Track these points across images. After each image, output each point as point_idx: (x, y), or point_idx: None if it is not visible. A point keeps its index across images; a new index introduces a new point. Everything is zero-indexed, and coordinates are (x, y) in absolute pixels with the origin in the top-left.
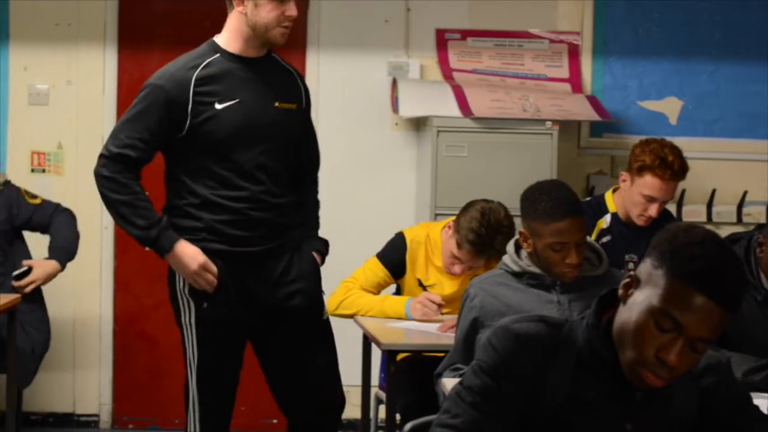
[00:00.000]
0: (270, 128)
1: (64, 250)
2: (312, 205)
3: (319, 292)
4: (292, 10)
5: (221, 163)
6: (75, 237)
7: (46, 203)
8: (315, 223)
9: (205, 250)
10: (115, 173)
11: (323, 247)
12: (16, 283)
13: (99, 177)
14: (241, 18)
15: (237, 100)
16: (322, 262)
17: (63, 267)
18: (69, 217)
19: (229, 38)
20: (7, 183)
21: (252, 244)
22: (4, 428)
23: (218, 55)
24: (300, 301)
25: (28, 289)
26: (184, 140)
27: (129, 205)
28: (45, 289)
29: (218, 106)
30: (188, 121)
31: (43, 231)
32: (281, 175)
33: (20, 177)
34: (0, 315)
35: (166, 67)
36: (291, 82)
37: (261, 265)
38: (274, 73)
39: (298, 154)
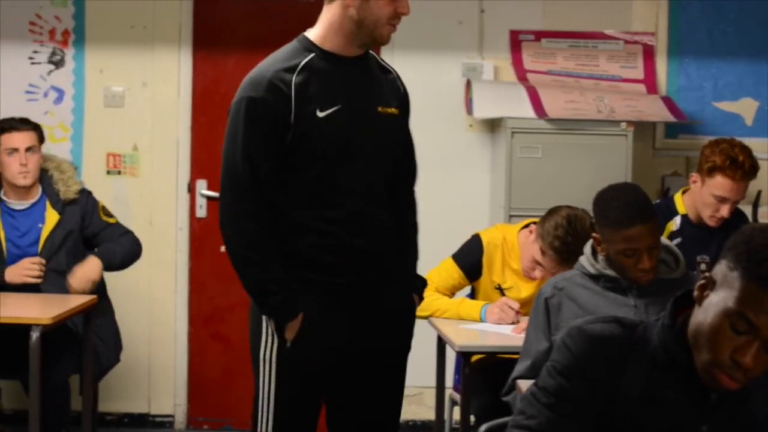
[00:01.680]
0: (374, 137)
1: (109, 254)
2: (412, 229)
3: (410, 336)
4: (405, 8)
5: (318, 178)
6: (126, 253)
7: (119, 225)
8: (415, 254)
9: (295, 280)
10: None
11: (423, 289)
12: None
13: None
14: (344, 12)
15: (339, 106)
16: (418, 305)
17: (104, 265)
18: (133, 241)
19: (325, 34)
20: (84, 191)
21: (346, 273)
22: (80, 428)
23: (313, 54)
24: (390, 343)
25: (76, 284)
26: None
27: None
28: (120, 290)
29: (320, 114)
30: (290, 134)
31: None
32: (382, 193)
33: (96, 179)
34: (77, 315)
35: (257, 74)
36: (391, 83)
37: (355, 298)
38: (374, 73)
39: (396, 166)
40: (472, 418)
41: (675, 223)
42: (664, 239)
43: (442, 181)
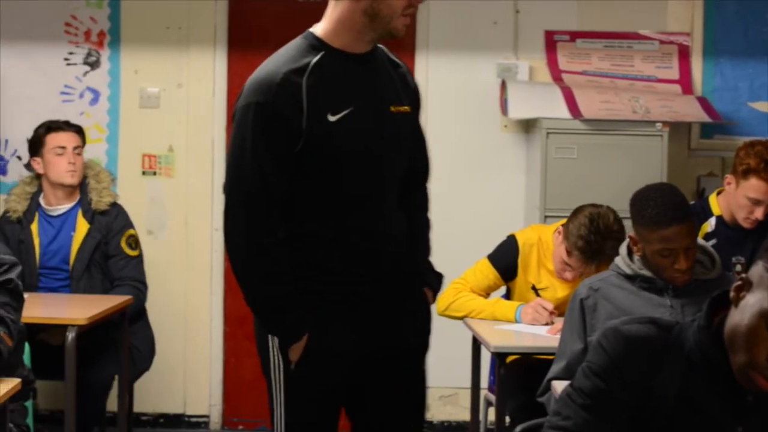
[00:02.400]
0: (388, 139)
1: None
2: (424, 227)
3: (427, 336)
4: None
5: (330, 186)
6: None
7: (136, 264)
8: (427, 251)
9: (305, 291)
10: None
11: (437, 283)
12: None
13: None
14: (355, 5)
15: (351, 108)
16: (433, 300)
17: None
18: (135, 296)
19: (333, 30)
20: (116, 206)
21: (362, 282)
22: (116, 429)
23: (322, 53)
24: (407, 345)
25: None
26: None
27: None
28: (156, 291)
29: (332, 118)
30: (302, 141)
31: (109, 276)
32: (393, 195)
33: (131, 180)
34: (113, 315)
35: (264, 76)
36: (401, 78)
37: (368, 307)
38: (385, 69)
39: (410, 166)
40: (507, 419)
41: (710, 225)
42: (700, 240)
43: (477, 181)
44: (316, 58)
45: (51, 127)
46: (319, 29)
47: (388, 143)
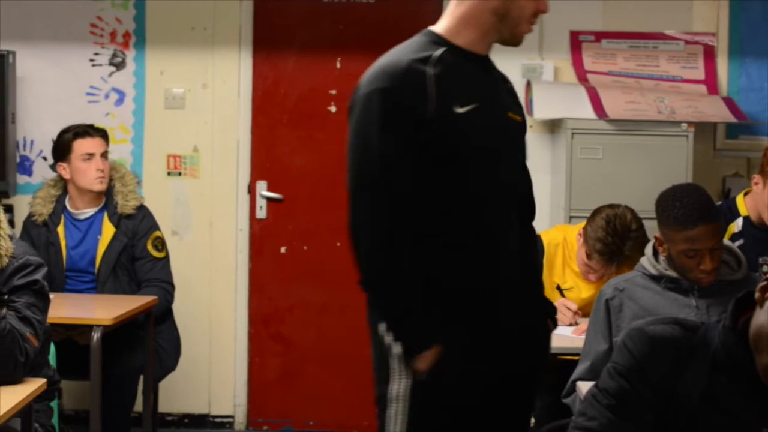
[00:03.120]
0: (508, 143)
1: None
2: (537, 255)
3: (546, 360)
4: (546, 6)
5: (454, 182)
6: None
7: (163, 266)
8: (542, 280)
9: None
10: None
11: (554, 313)
12: None
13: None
14: (483, 4)
15: (476, 104)
16: (553, 329)
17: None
18: (162, 296)
19: (455, 28)
20: (142, 208)
21: (485, 298)
22: (141, 429)
23: (444, 48)
24: (530, 366)
25: None
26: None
27: None
28: (181, 291)
29: (459, 110)
30: (425, 133)
31: (136, 279)
32: (514, 206)
33: (156, 180)
34: (138, 315)
35: (388, 63)
36: (511, 91)
37: (493, 324)
38: (499, 76)
39: (524, 182)
40: (533, 420)
41: (737, 225)
42: (725, 240)
43: None
44: (438, 52)
45: (78, 132)
46: (439, 27)
47: (508, 147)
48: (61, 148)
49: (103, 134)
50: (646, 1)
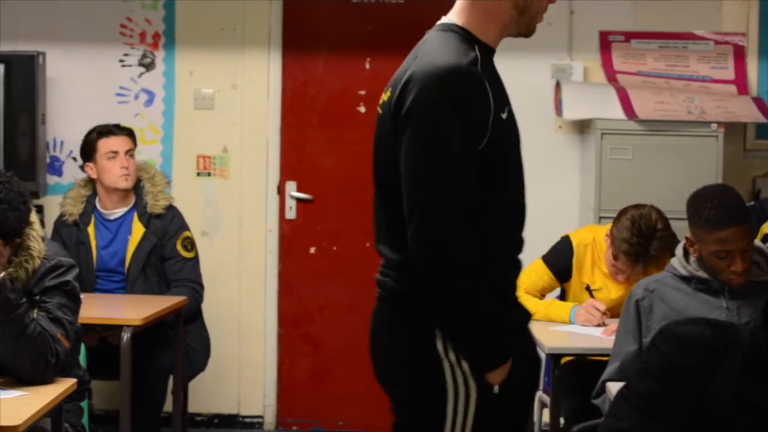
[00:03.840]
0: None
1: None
2: None
3: None
4: None
5: (498, 192)
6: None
7: (192, 266)
8: None
9: None
10: None
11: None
12: None
13: None
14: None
15: (509, 107)
16: None
17: None
18: (192, 297)
19: (479, 24)
20: (172, 208)
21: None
22: (171, 429)
23: (477, 46)
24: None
25: None
26: None
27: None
28: (210, 291)
29: (503, 116)
30: (484, 140)
31: (165, 279)
32: None
33: (186, 181)
34: (168, 316)
35: (450, 64)
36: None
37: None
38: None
39: None
40: (562, 420)
41: None
42: (757, 241)
43: (531, 182)
44: (475, 52)
45: (102, 132)
46: (461, 22)
47: (522, 153)
48: (87, 148)
49: (128, 133)
50: (676, 2)
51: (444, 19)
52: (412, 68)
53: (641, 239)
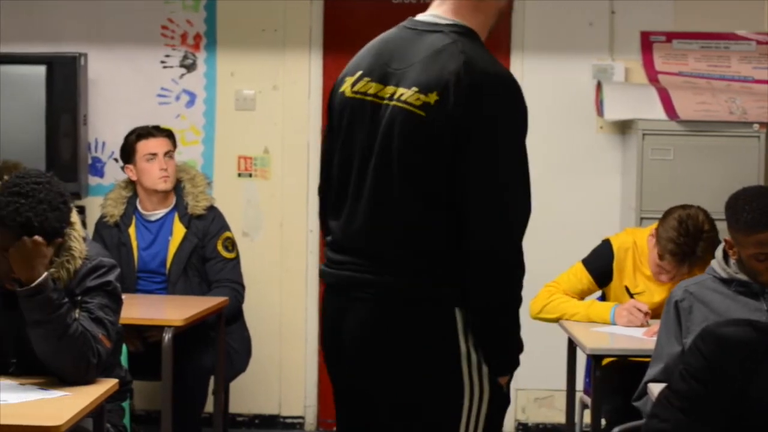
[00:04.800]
0: None
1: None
2: None
3: None
4: None
5: None
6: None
7: (233, 266)
8: None
9: None
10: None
11: None
12: None
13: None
14: (496, 4)
15: None
16: None
17: None
18: (233, 297)
19: (479, 27)
20: (212, 209)
21: None
22: (212, 429)
23: None
24: None
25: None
26: None
27: None
28: (251, 292)
29: None
30: None
31: (207, 279)
32: None
33: (227, 182)
34: (209, 316)
35: (507, 75)
36: None
37: None
38: None
39: None
40: (603, 422)
41: None
42: None
43: (572, 183)
44: None
45: (141, 134)
46: (466, 22)
47: None
48: (127, 151)
49: (167, 134)
50: (718, 2)
51: (439, 19)
52: (461, 73)
53: (688, 239)
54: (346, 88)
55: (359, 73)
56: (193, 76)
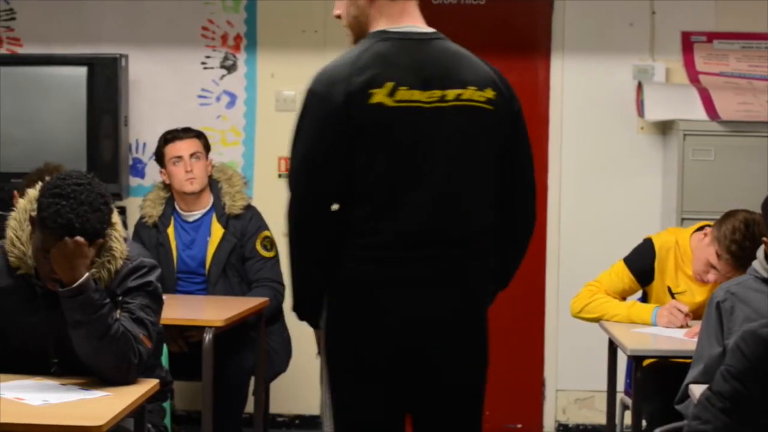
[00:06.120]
0: None
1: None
2: None
3: None
4: None
5: None
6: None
7: (272, 265)
8: None
9: None
10: None
11: None
12: None
13: None
14: None
15: None
16: None
17: None
18: (273, 296)
19: None
20: (250, 208)
21: None
22: (252, 429)
23: None
24: None
25: None
26: None
27: None
28: (290, 291)
29: None
30: None
31: (246, 279)
32: None
33: (267, 182)
34: (250, 317)
35: None
36: None
37: None
38: None
39: None
40: (644, 423)
41: None
42: None
43: (612, 183)
44: None
45: (168, 138)
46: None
47: None
48: (158, 155)
49: (196, 135)
50: (759, 1)
51: (427, 28)
52: (494, 71)
53: (753, 243)
54: (381, 99)
55: (390, 84)
56: (234, 77)
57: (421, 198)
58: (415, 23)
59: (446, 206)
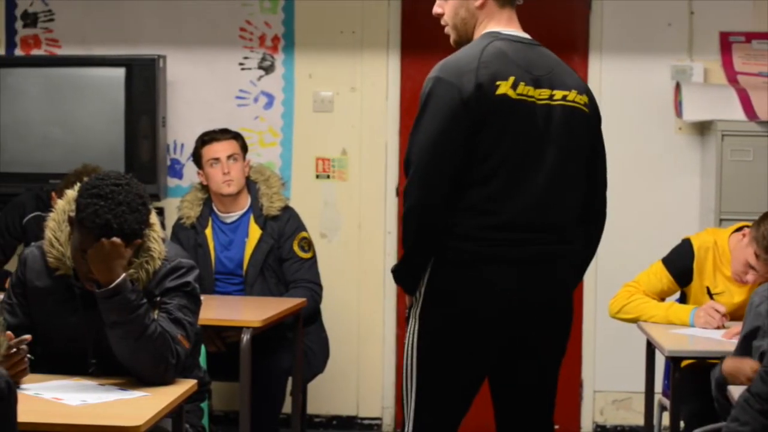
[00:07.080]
0: None
1: None
2: None
3: None
4: None
5: None
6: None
7: (310, 266)
8: None
9: None
10: None
11: None
12: None
13: None
14: None
15: None
16: None
17: None
18: (311, 297)
19: None
20: (287, 209)
21: None
22: (290, 430)
23: None
24: None
25: None
26: None
27: None
28: (329, 293)
29: None
30: None
31: (284, 280)
32: None
33: (305, 183)
34: (288, 317)
35: None
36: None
37: None
38: None
39: None
40: (682, 424)
41: None
42: None
43: (651, 184)
44: None
45: (205, 139)
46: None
47: None
48: (195, 157)
49: (233, 136)
50: None
51: (524, 33)
52: (584, 83)
53: None
54: (506, 90)
55: (512, 78)
56: (271, 78)
57: (535, 186)
58: (519, 30)
59: (553, 194)
